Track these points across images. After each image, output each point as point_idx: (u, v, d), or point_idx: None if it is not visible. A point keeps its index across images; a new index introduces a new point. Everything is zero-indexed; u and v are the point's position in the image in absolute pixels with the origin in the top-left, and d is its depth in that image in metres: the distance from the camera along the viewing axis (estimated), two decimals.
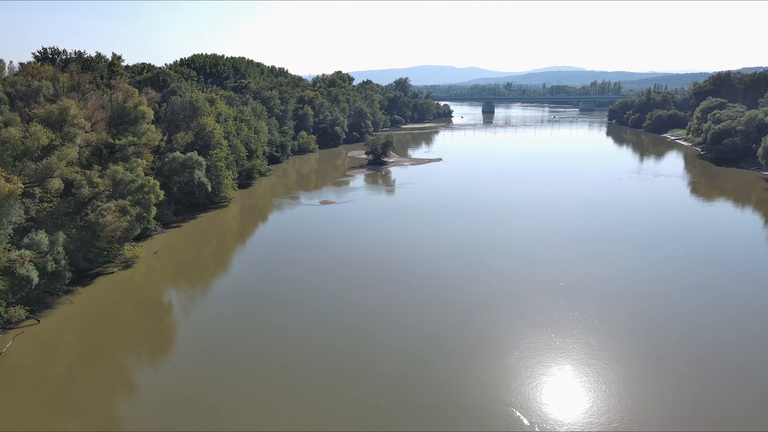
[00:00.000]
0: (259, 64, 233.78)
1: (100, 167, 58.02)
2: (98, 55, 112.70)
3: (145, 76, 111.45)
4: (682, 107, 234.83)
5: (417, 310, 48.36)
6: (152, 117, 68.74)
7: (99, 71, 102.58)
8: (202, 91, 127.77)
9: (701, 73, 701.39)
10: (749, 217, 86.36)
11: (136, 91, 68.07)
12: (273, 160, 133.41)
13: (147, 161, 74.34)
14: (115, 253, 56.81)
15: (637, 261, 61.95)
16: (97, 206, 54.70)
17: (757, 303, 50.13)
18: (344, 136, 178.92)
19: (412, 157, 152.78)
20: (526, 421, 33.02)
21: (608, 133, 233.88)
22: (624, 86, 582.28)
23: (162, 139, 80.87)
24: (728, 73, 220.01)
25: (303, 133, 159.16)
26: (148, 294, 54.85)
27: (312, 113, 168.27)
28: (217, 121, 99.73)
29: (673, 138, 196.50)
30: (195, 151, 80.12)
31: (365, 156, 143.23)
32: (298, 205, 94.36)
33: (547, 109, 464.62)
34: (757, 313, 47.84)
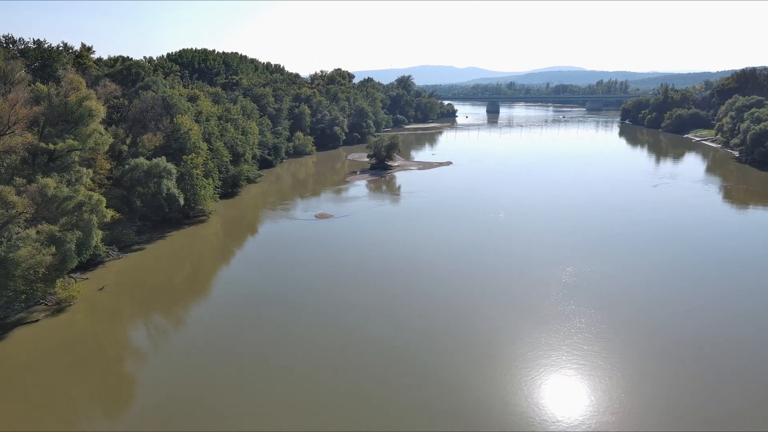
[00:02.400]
0: (253, 61, 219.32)
1: (25, 180, 44.13)
2: (64, 45, 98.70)
3: (117, 68, 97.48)
4: (701, 106, 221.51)
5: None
6: (103, 115, 54.79)
7: (61, 63, 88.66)
8: (185, 87, 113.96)
9: (704, 72, 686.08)
10: None
11: (83, 82, 54.08)
12: (265, 163, 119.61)
13: (103, 169, 60.79)
14: (41, 294, 42.96)
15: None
16: (16, 233, 40.94)
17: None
18: (344, 137, 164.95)
19: (419, 160, 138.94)
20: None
21: (624, 134, 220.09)
22: (629, 86, 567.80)
23: (124, 142, 67.14)
24: (753, 69, 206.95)
25: (299, 133, 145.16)
26: (87, 342, 42.33)
27: (309, 112, 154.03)
28: (197, 121, 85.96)
29: (697, 139, 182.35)
30: (164, 157, 66.36)
31: (367, 159, 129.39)
32: (289, 218, 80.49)
33: (551, 108, 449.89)
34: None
